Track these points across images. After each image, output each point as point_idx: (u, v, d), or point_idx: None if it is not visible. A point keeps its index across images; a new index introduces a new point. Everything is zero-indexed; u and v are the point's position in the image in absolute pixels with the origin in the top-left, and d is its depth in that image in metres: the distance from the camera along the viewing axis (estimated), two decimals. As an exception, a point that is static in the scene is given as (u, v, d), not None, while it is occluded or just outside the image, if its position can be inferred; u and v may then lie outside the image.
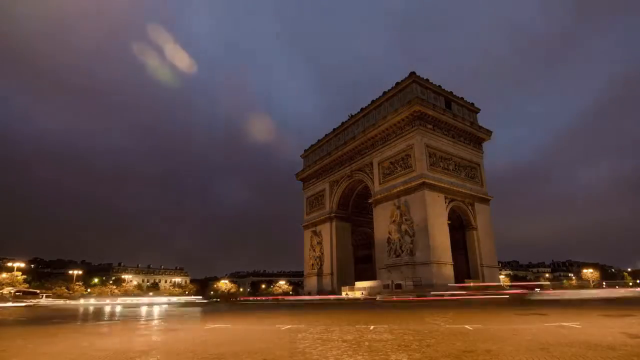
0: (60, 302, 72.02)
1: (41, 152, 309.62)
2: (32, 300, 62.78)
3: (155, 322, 21.09)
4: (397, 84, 67.69)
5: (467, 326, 13.27)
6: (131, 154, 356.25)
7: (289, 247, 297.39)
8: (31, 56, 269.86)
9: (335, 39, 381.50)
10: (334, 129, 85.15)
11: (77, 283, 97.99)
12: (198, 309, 40.89)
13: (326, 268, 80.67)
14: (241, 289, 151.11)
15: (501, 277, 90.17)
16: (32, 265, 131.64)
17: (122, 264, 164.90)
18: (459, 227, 65.32)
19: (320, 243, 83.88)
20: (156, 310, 38.24)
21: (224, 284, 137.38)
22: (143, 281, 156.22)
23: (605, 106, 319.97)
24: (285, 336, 12.03)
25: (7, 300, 59.34)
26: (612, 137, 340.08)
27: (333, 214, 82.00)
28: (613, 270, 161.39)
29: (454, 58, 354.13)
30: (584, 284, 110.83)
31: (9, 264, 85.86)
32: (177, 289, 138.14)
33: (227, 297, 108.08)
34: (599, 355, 7.39)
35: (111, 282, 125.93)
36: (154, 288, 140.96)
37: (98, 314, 32.09)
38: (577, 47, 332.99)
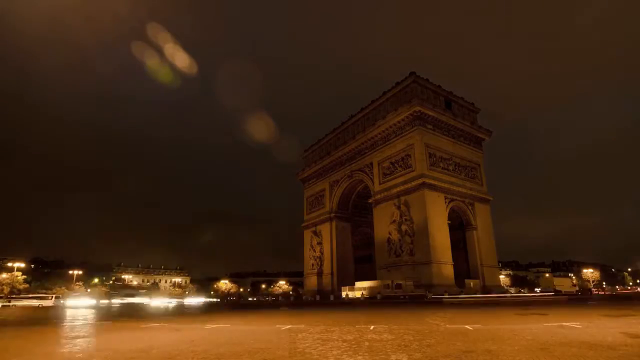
0: None
1: (41, 152, 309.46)
2: None
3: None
4: (397, 83, 67.63)
5: (467, 326, 13.26)
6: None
7: (289, 247, 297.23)
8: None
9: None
10: (334, 129, 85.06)
11: (77, 283, 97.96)
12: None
13: (326, 268, 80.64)
14: (241, 289, 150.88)
15: (501, 277, 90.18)
16: (32, 265, 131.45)
17: (122, 264, 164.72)
18: (459, 227, 65.29)
19: (320, 243, 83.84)
20: None
21: (224, 284, 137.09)
22: (143, 281, 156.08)
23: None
24: (285, 336, 12.01)
25: None
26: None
27: (333, 214, 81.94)
28: (613, 270, 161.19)
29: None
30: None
31: (9, 264, 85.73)
32: (177, 289, 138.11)
33: None
34: (600, 355, 7.37)
35: (111, 282, 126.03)
36: (154, 288, 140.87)
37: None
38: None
